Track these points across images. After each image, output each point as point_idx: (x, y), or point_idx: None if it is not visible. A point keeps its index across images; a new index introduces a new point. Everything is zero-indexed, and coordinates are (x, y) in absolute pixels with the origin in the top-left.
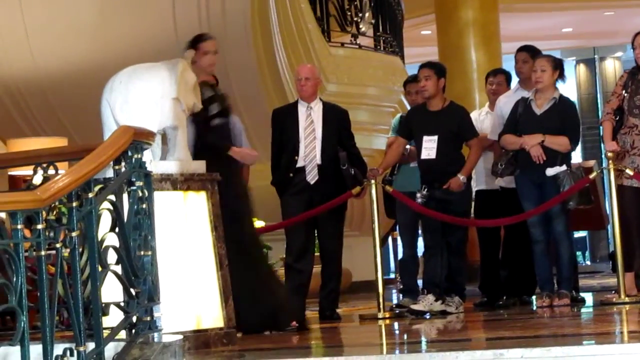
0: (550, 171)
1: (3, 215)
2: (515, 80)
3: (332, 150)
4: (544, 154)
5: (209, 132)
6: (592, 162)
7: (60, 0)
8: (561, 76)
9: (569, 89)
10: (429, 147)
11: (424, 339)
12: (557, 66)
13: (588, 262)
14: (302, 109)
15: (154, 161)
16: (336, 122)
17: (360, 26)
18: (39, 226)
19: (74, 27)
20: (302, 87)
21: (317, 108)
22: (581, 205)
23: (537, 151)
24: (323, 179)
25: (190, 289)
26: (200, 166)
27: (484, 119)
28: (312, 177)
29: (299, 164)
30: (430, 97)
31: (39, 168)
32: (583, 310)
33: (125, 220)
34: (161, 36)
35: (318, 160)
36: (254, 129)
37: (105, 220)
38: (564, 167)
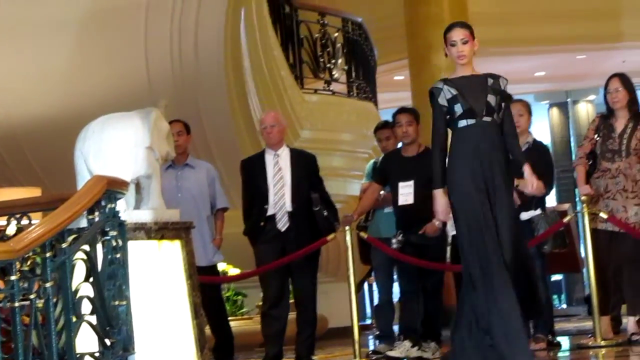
0: (524, 215)
1: None
2: None
3: (302, 196)
4: (518, 198)
5: None
6: (566, 206)
7: (32, 49)
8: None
9: (542, 132)
10: (406, 192)
11: None
12: (530, 111)
13: (564, 305)
14: (269, 157)
15: (127, 210)
16: (305, 167)
17: (334, 72)
18: (13, 277)
19: (47, 75)
20: (268, 135)
21: (285, 155)
22: (556, 249)
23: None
24: (294, 225)
25: (166, 339)
26: (174, 214)
27: None
28: (282, 224)
29: (269, 212)
30: (411, 142)
31: (12, 218)
32: (560, 354)
33: (100, 270)
34: (134, 85)
35: (288, 207)
36: (228, 175)
37: (80, 270)
38: (538, 211)
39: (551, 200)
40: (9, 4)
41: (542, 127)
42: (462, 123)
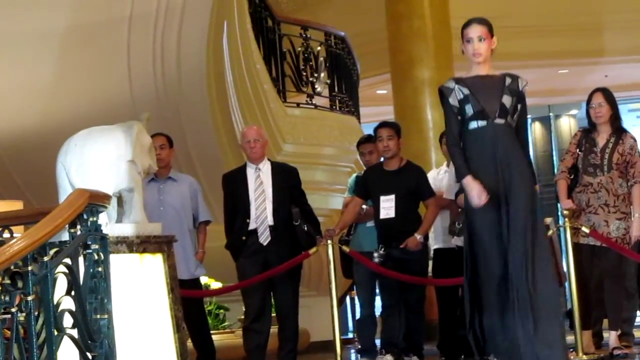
0: None
1: None
2: None
3: (284, 210)
4: None
5: None
6: (548, 220)
7: (14, 62)
8: None
9: None
10: (387, 206)
11: None
12: None
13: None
14: (250, 171)
15: (109, 224)
16: (286, 180)
17: (316, 86)
18: None
19: (29, 89)
20: (251, 149)
21: (266, 169)
22: None
23: None
24: (276, 239)
25: (147, 352)
26: (156, 228)
27: (443, 177)
28: (264, 238)
29: (251, 226)
30: (392, 156)
31: None
32: None
33: (81, 283)
34: (117, 98)
35: (270, 221)
36: (211, 189)
37: (61, 283)
38: None
39: None
40: None
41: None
42: (473, 125)
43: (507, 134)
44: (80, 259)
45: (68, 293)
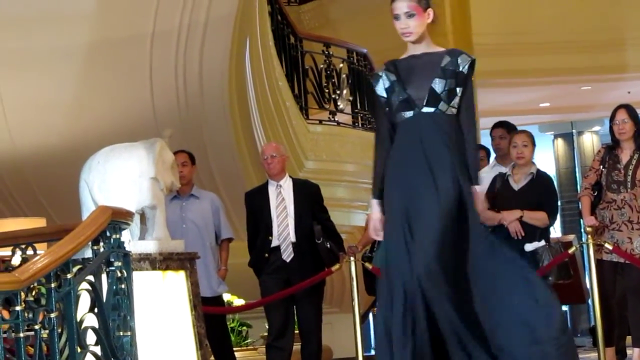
0: (528, 246)
1: None
2: (492, 155)
3: (306, 226)
4: (522, 229)
5: None
6: (571, 237)
7: (38, 79)
8: None
9: (547, 163)
10: None
11: None
12: (534, 141)
13: None
14: (272, 188)
15: (132, 241)
16: (308, 197)
17: (338, 103)
18: (18, 307)
19: (52, 106)
20: (269, 165)
21: (287, 185)
22: (560, 280)
23: (516, 227)
24: (299, 255)
25: None
26: (179, 245)
27: None
28: (287, 255)
29: (274, 243)
30: None
31: (17, 249)
32: None
33: (104, 300)
34: (139, 115)
35: (292, 237)
36: (233, 206)
37: (84, 300)
38: (542, 242)
39: (556, 232)
40: (14, 35)
41: (547, 158)
42: (400, 117)
43: (438, 124)
44: (103, 276)
45: (91, 310)
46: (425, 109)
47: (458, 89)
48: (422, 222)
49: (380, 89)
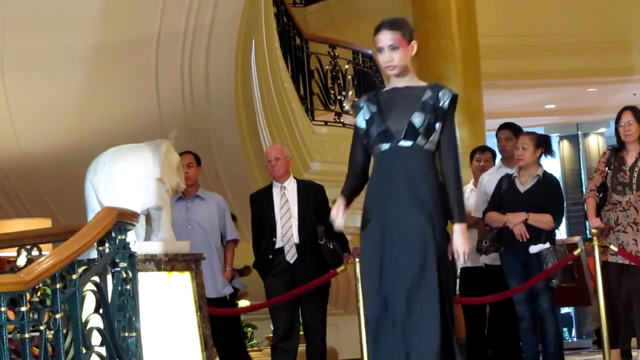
0: (533, 249)
1: None
2: (498, 157)
3: (310, 228)
4: (527, 232)
5: None
6: (576, 238)
7: (43, 81)
8: (548, 152)
9: (553, 164)
10: None
11: None
12: (540, 143)
13: (574, 339)
14: (276, 190)
15: (137, 242)
16: (312, 198)
17: (344, 104)
18: (23, 308)
19: (58, 107)
20: (273, 168)
21: (291, 187)
22: (564, 283)
23: (521, 229)
24: (303, 257)
25: None
26: (184, 246)
27: (469, 196)
28: (291, 256)
29: (278, 245)
30: None
31: (22, 250)
32: None
33: (110, 301)
34: (145, 117)
35: (295, 239)
36: (239, 208)
37: (89, 301)
38: (547, 245)
39: (561, 233)
40: (21, 37)
41: (552, 160)
42: (377, 149)
43: (415, 159)
44: (109, 277)
45: (96, 311)
46: (403, 142)
47: (437, 125)
48: (395, 264)
49: (360, 120)
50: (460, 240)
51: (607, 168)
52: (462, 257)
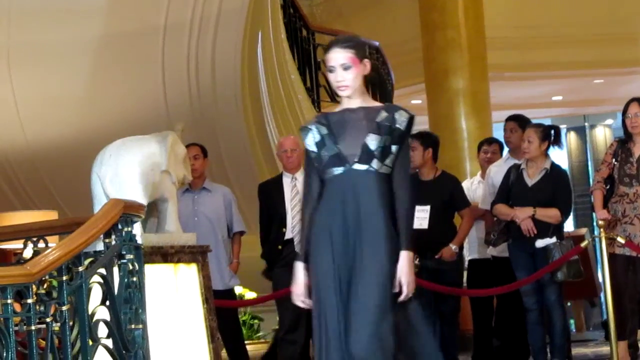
0: (539, 243)
1: None
2: (505, 149)
3: None
4: (534, 227)
5: None
6: (583, 230)
7: (50, 73)
8: (557, 143)
9: (560, 156)
10: (421, 217)
11: None
12: (547, 136)
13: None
14: (287, 180)
15: (144, 234)
16: None
17: None
18: (29, 300)
19: (64, 99)
20: (288, 159)
21: (302, 178)
22: (570, 279)
23: (528, 224)
24: None
25: None
26: (191, 238)
27: (477, 187)
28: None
29: (287, 236)
30: (417, 167)
31: (29, 242)
32: None
33: (116, 293)
34: (151, 108)
35: None
36: (245, 199)
37: (96, 293)
38: (553, 239)
39: (569, 225)
40: (27, 29)
41: (559, 152)
42: (329, 173)
43: (369, 183)
44: (115, 269)
45: (103, 303)
46: (357, 166)
47: (393, 147)
48: (356, 295)
49: (311, 142)
50: (405, 269)
51: (614, 160)
52: (405, 288)
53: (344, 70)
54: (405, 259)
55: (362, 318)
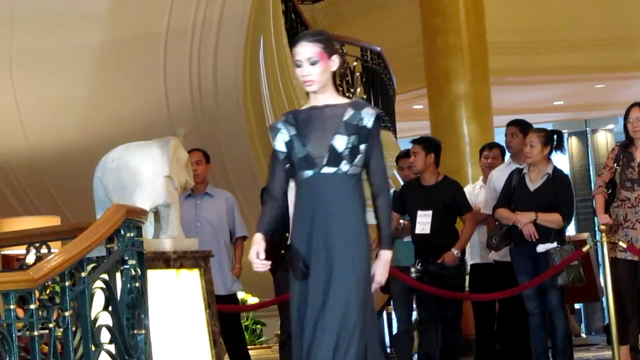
0: (540, 247)
1: None
2: (507, 153)
3: None
4: (536, 232)
5: None
6: (585, 235)
7: (51, 78)
8: (559, 147)
9: (561, 161)
10: (423, 221)
11: None
12: (549, 140)
13: (583, 335)
14: (291, 185)
15: (146, 239)
16: None
17: None
18: (32, 306)
19: (66, 104)
20: None
21: None
22: (571, 284)
23: (530, 230)
24: None
25: None
26: (193, 243)
27: (479, 192)
28: None
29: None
30: (419, 172)
31: (31, 247)
32: None
33: (119, 298)
34: (153, 114)
35: None
36: (247, 204)
37: (99, 299)
38: (554, 244)
39: (570, 230)
40: (29, 34)
41: (560, 156)
42: (300, 176)
43: (340, 186)
44: (118, 275)
45: (105, 308)
46: (326, 169)
47: (362, 146)
48: (328, 310)
49: (280, 143)
50: (380, 269)
51: (615, 164)
52: (374, 287)
53: (310, 65)
54: (384, 258)
55: (329, 335)
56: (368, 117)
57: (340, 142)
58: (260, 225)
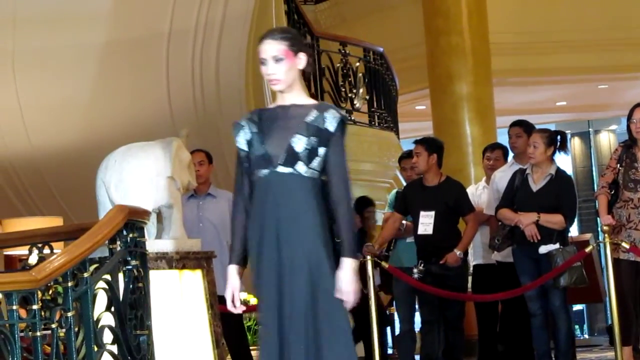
0: (543, 249)
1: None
2: (510, 154)
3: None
4: (538, 233)
5: None
6: (588, 236)
7: (54, 79)
8: (562, 148)
9: (564, 162)
10: (426, 222)
11: None
12: (552, 141)
13: (586, 335)
14: None
15: (149, 240)
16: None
17: (355, 102)
18: (35, 306)
19: (69, 105)
20: None
21: None
22: (573, 286)
23: (532, 230)
24: None
25: None
26: (195, 244)
27: (481, 193)
28: None
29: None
30: (421, 173)
31: (34, 248)
32: None
33: (121, 299)
34: (156, 114)
35: None
36: None
37: (101, 299)
38: (556, 245)
39: (573, 231)
40: (31, 35)
41: (563, 157)
42: (256, 174)
43: (293, 187)
44: (120, 275)
45: (108, 309)
46: (281, 169)
47: (320, 149)
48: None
49: (242, 141)
50: (346, 279)
51: (618, 165)
52: (345, 297)
53: (275, 63)
54: (348, 268)
55: (296, 347)
56: (331, 119)
57: (299, 143)
58: (232, 253)
